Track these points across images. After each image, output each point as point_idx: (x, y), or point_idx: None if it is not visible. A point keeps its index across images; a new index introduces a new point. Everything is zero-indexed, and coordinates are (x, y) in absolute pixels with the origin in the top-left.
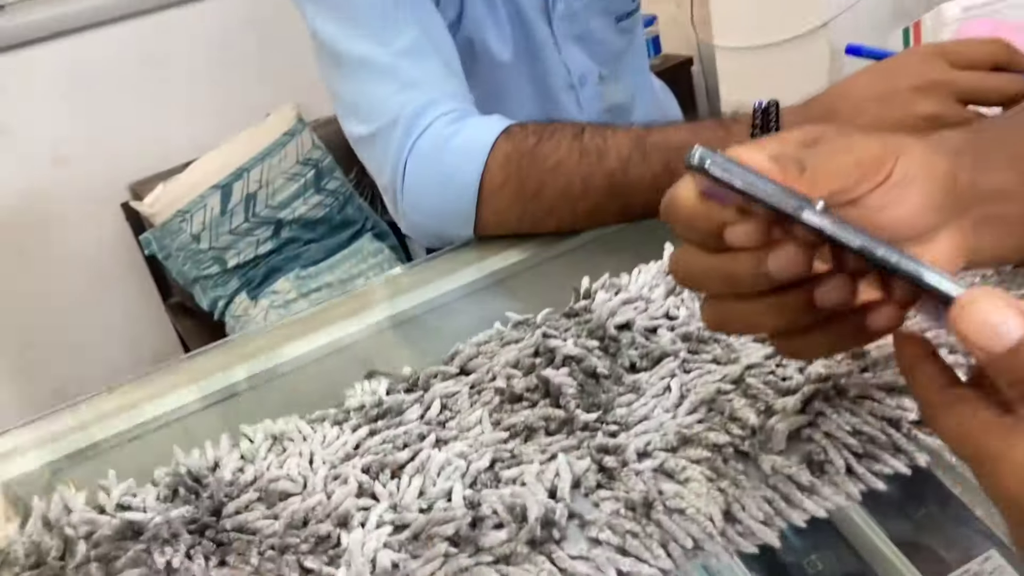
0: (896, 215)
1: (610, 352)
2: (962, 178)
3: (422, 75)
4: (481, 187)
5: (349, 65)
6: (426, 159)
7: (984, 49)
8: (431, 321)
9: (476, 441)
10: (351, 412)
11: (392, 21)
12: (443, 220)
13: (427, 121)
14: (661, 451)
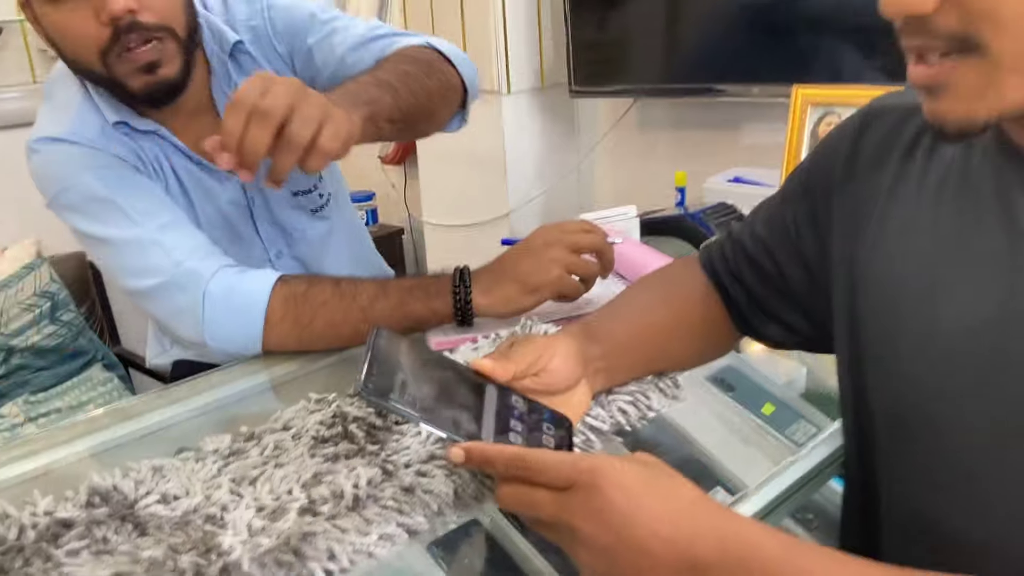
0: (557, 377)
1: (381, 415)
2: (585, 351)
3: (184, 241)
4: (266, 320)
5: (121, 244)
6: (220, 302)
7: (589, 238)
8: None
9: (302, 465)
10: (208, 453)
11: (146, 211)
12: (238, 345)
13: (210, 273)
14: (417, 462)
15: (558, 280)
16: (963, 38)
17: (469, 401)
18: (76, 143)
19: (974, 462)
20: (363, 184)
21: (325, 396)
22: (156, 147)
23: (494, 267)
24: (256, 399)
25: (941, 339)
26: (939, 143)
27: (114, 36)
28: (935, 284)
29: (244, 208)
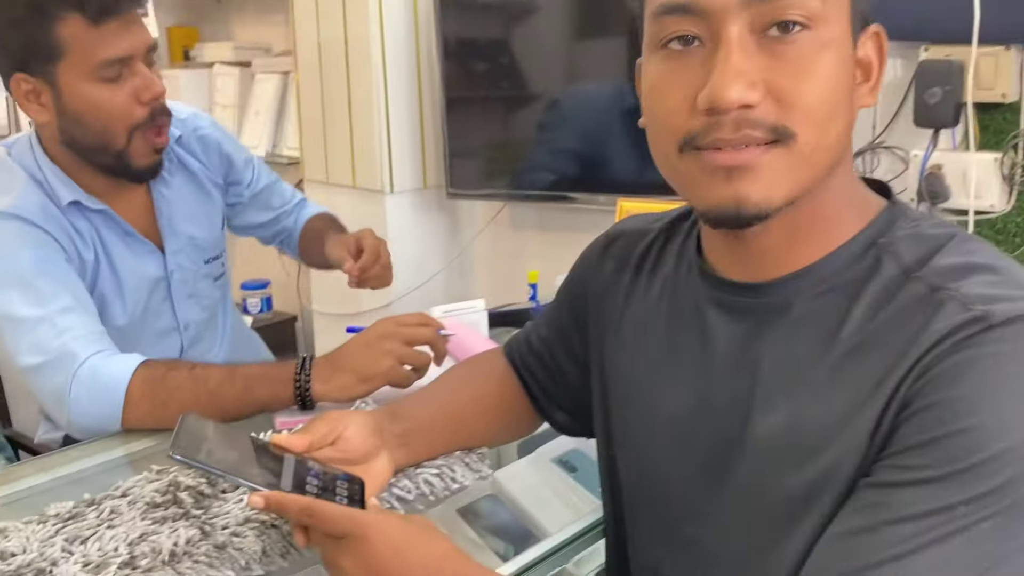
0: (351, 445)
1: (211, 483)
2: (385, 427)
3: (74, 325)
4: (125, 401)
5: (20, 321)
6: (86, 383)
7: (422, 331)
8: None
9: (132, 526)
10: (50, 517)
11: (54, 294)
12: (100, 423)
13: (84, 356)
14: (233, 524)
15: (390, 370)
16: (778, 128)
17: (270, 466)
18: (20, 217)
19: (685, 518)
20: (260, 272)
21: (166, 468)
22: (92, 225)
23: (333, 357)
24: (113, 471)
25: (659, 424)
26: (661, 259)
27: (150, 116)
28: (655, 380)
29: (163, 280)
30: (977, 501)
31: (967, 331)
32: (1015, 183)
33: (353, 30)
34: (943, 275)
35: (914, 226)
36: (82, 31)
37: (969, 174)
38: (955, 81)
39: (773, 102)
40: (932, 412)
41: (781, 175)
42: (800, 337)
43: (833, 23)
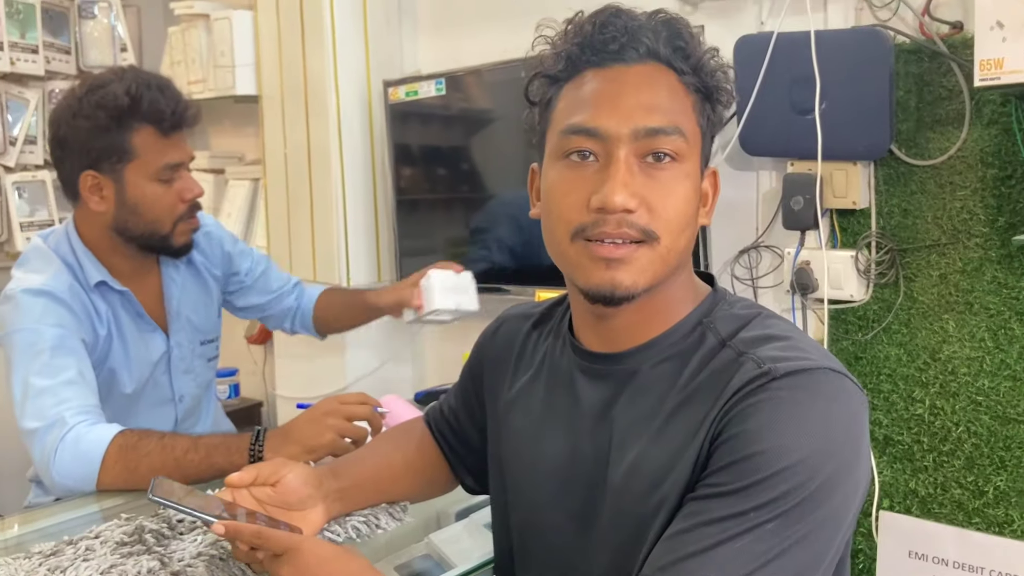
0: (289, 489)
1: (171, 527)
2: (324, 483)
3: (72, 396)
4: (102, 464)
5: (31, 388)
6: (70, 446)
7: (360, 409)
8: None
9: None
10: (34, 554)
11: (61, 364)
12: (79, 483)
13: (71, 425)
14: (188, 558)
15: (331, 443)
16: (647, 231)
17: (223, 512)
18: (51, 295)
19: (565, 549)
20: (229, 361)
21: (133, 516)
22: (110, 305)
23: (283, 430)
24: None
25: (540, 470)
26: (541, 335)
27: (189, 210)
28: (538, 436)
29: (165, 356)
30: (762, 508)
31: (757, 383)
32: (870, 276)
33: (315, 138)
34: (746, 344)
35: (729, 308)
36: (152, 140)
37: (832, 269)
38: (813, 191)
39: (646, 211)
40: (730, 443)
41: (645, 268)
42: (644, 396)
43: (690, 160)
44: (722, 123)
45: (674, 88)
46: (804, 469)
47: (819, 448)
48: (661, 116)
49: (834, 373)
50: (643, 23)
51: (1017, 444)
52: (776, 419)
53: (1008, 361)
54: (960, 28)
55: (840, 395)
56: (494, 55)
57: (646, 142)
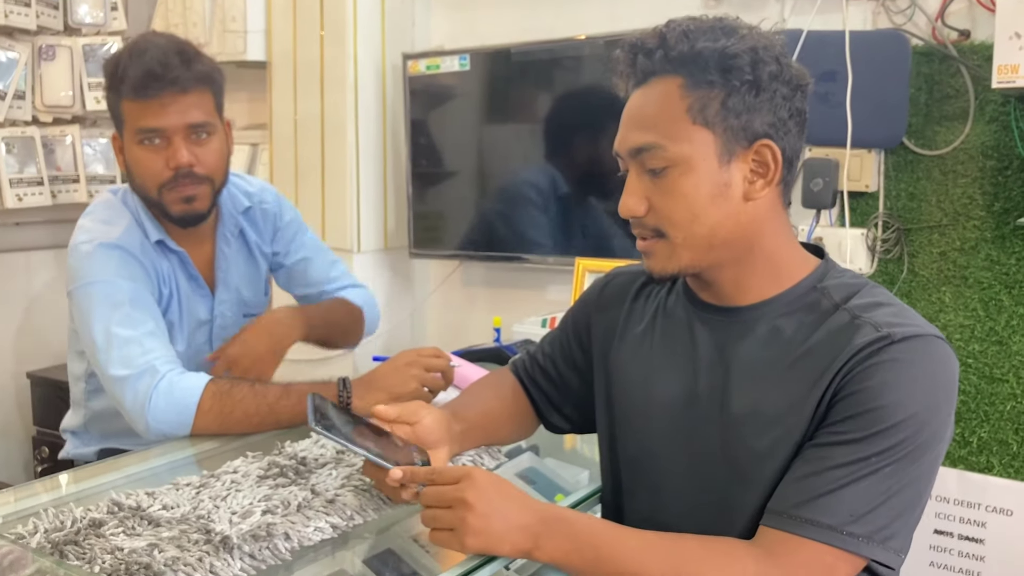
0: (425, 431)
1: (303, 462)
2: (451, 426)
3: (156, 347)
4: (197, 410)
5: (114, 337)
6: (164, 394)
7: (437, 361)
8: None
9: (254, 491)
10: (183, 486)
11: (141, 319)
12: (174, 428)
13: (164, 372)
14: (334, 488)
15: (415, 392)
16: (657, 230)
17: (370, 436)
18: (124, 249)
19: (675, 478)
20: None
21: (259, 453)
22: (171, 265)
23: (368, 379)
24: (191, 465)
25: (654, 409)
26: (652, 292)
27: (173, 178)
28: (649, 377)
29: (208, 323)
30: (882, 453)
31: (877, 344)
32: (876, 252)
33: (330, 108)
34: (860, 309)
35: (839, 277)
36: (130, 104)
37: (843, 245)
38: (832, 174)
39: (653, 213)
40: (854, 397)
41: (666, 256)
42: (765, 345)
43: (684, 163)
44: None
45: (667, 98)
46: (916, 422)
47: (928, 404)
48: (642, 134)
49: (939, 340)
50: (649, 46)
51: (1000, 400)
52: (895, 378)
53: (996, 328)
54: (968, 36)
55: (946, 360)
56: (512, 34)
57: (638, 160)
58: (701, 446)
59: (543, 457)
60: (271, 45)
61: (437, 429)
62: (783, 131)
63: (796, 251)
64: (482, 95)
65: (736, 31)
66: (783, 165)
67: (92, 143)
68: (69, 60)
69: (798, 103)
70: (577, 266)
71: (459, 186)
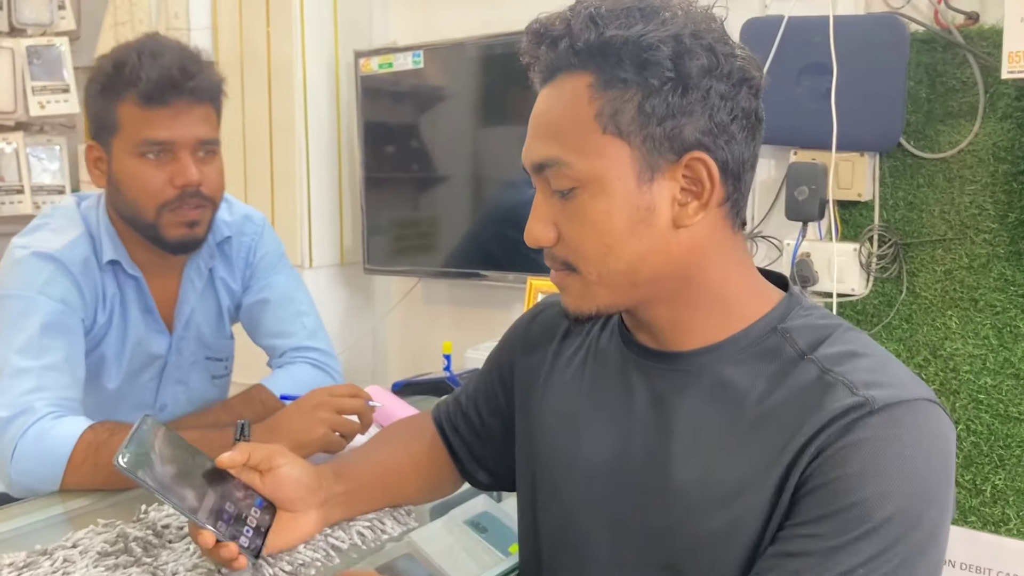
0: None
1: (157, 534)
2: (324, 484)
3: (50, 384)
4: (68, 463)
5: (10, 366)
6: (33, 442)
7: (351, 401)
8: None
9: (87, 573)
10: (4, 567)
11: (48, 346)
12: (39, 483)
13: (39, 416)
14: (183, 571)
15: (323, 438)
16: (567, 263)
17: (199, 483)
18: (62, 264)
19: (600, 552)
20: None
21: (112, 521)
22: (120, 290)
23: (271, 423)
24: (53, 527)
25: (579, 473)
26: (584, 328)
27: (178, 197)
28: (578, 431)
29: (160, 360)
30: (872, 562)
31: (854, 415)
32: (871, 270)
33: (277, 110)
34: (830, 361)
35: (807, 315)
36: (134, 111)
37: (832, 262)
38: (819, 181)
39: (562, 243)
40: (828, 488)
41: (579, 294)
42: (712, 403)
43: (606, 177)
44: (684, 96)
45: (574, 101)
46: (909, 517)
47: (922, 493)
48: (540, 150)
49: (930, 404)
50: (553, 33)
51: (1017, 443)
52: (878, 462)
53: (1012, 359)
54: (976, 19)
55: (939, 431)
56: (472, 28)
57: (542, 176)
58: (634, 522)
59: (502, 500)
60: (217, 42)
61: (295, 486)
62: (723, 138)
63: (752, 283)
64: (438, 94)
65: (657, 14)
66: (724, 181)
67: (38, 151)
68: (11, 62)
69: (744, 102)
70: (529, 286)
71: (418, 195)
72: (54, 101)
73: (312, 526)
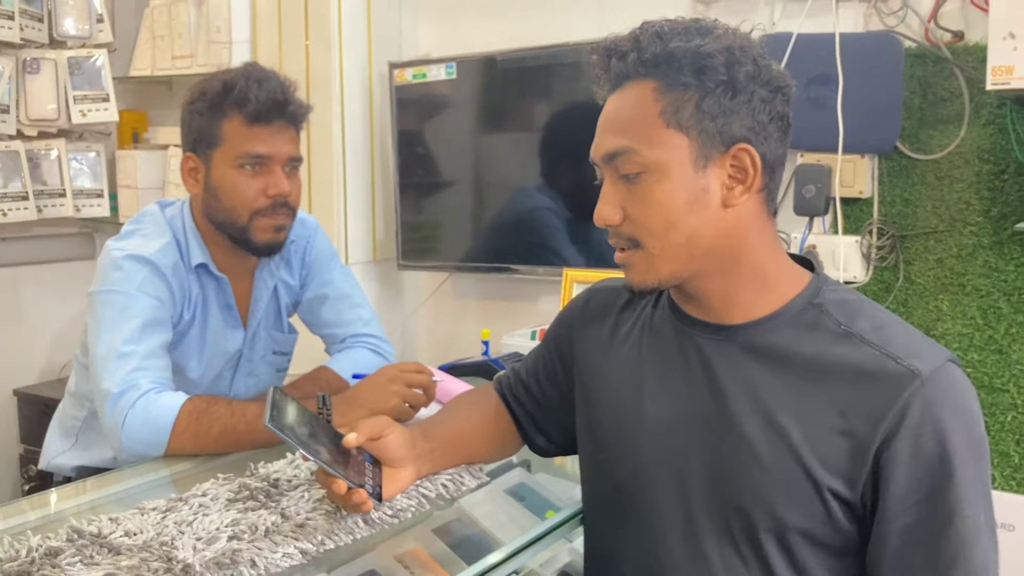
0: (389, 448)
1: (274, 484)
2: (417, 444)
3: (150, 366)
4: (173, 430)
5: (116, 351)
6: (141, 412)
7: (419, 376)
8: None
9: (223, 515)
10: (148, 510)
11: (147, 336)
12: (147, 448)
13: (143, 391)
14: (304, 512)
15: (396, 408)
16: (633, 239)
17: (325, 441)
18: (156, 266)
19: (669, 501)
20: None
21: (230, 476)
22: (203, 291)
23: (349, 396)
24: (161, 487)
25: (647, 428)
26: (636, 307)
27: (270, 206)
28: (641, 394)
29: (235, 355)
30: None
31: (909, 387)
32: (871, 260)
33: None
34: (868, 333)
35: (835, 291)
36: (239, 127)
37: (837, 253)
38: (824, 180)
39: (629, 222)
40: (919, 462)
41: (647, 267)
42: (765, 369)
43: (659, 168)
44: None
45: (641, 102)
46: (976, 451)
47: (976, 432)
48: (612, 139)
49: (954, 365)
50: (622, 49)
51: (1000, 410)
52: (942, 425)
53: (995, 337)
54: (961, 37)
55: (968, 384)
56: (500, 42)
57: (612, 165)
58: (701, 472)
59: (535, 472)
60: (257, 55)
61: (401, 447)
62: (763, 135)
63: (786, 264)
64: (469, 104)
65: (711, 31)
66: (763, 171)
67: (78, 156)
68: (54, 73)
69: (779, 107)
70: (565, 277)
71: (448, 196)
72: (94, 109)
73: (410, 477)
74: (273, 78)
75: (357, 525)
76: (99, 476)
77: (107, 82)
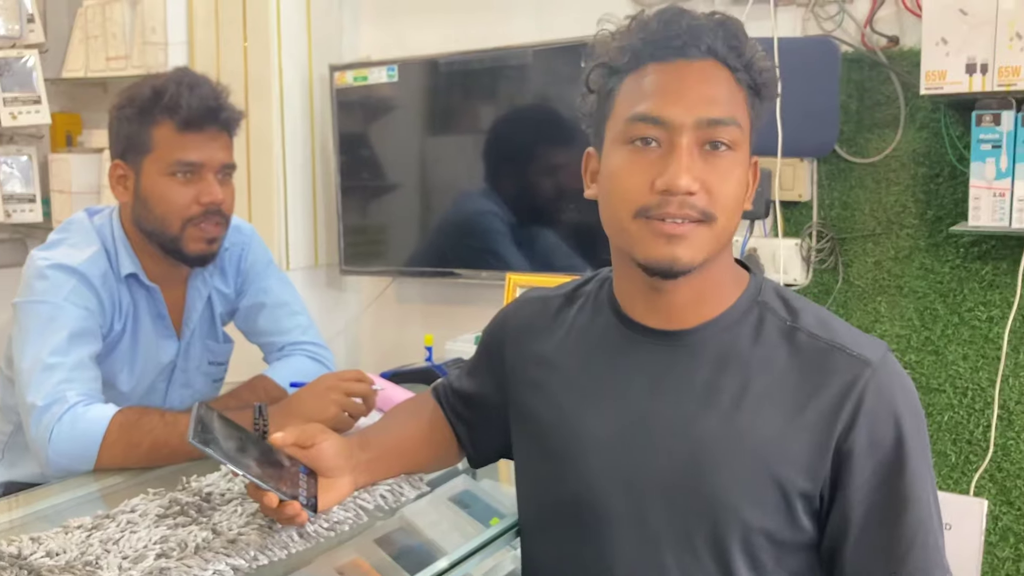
0: (323, 458)
1: (206, 499)
2: (354, 454)
3: (78, 378)
4: (102, 443)
5: (42, 363)
6: (68, 426)
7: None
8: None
9: (151, 531)
10: (73, 529)
11: (74, 347)
12: (75, 463)
13: (71, 404)
14: (236, 527)
15: (335, 417)
16: (707, 212)
17: (255, 454)
18: (84, 276)
19: (621, 510)
20: None
21: (161, 490)
22: (134, 301)
23: (286, 405)
24: (90, 503)
25: (590, 439)
26: (569, 316)
27: (202, 214)
28: (583, 406)
29: (169, 366)
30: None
31: (862, 376)
32: (811, 263)
33: (255, 122)
34: (814, 327)
35: (775, 288)
36: (170, 134)
37: (777, 256)
38: (764, 184)
39: (705, 193)
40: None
41: (703, 245)
42: (718, 370)
43: (742, 149)
44: (764, 117)
45: (730, 83)
46: (920, 427)
47: (918, 411)
48: (721, 108)
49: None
50: (703, 23)
51: (937, 410)
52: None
53: (932, 338)
54: (896, 42)
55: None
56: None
57: (707, 131)
58: (655, 480)
59: (480, 479)
60: (193, 57)
61: (336, 455)
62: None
63: (734, 264)
64: (412, 107)
65: (748, 39)
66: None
67: (9, 160)
68: None
69: None
70: (508, 281)
71: (391, 201)
72: (25, 112)
73: (346, 488)
74: (205, 83)
75: (292, 539)
76: (25, 493)
77: (39, 84)
